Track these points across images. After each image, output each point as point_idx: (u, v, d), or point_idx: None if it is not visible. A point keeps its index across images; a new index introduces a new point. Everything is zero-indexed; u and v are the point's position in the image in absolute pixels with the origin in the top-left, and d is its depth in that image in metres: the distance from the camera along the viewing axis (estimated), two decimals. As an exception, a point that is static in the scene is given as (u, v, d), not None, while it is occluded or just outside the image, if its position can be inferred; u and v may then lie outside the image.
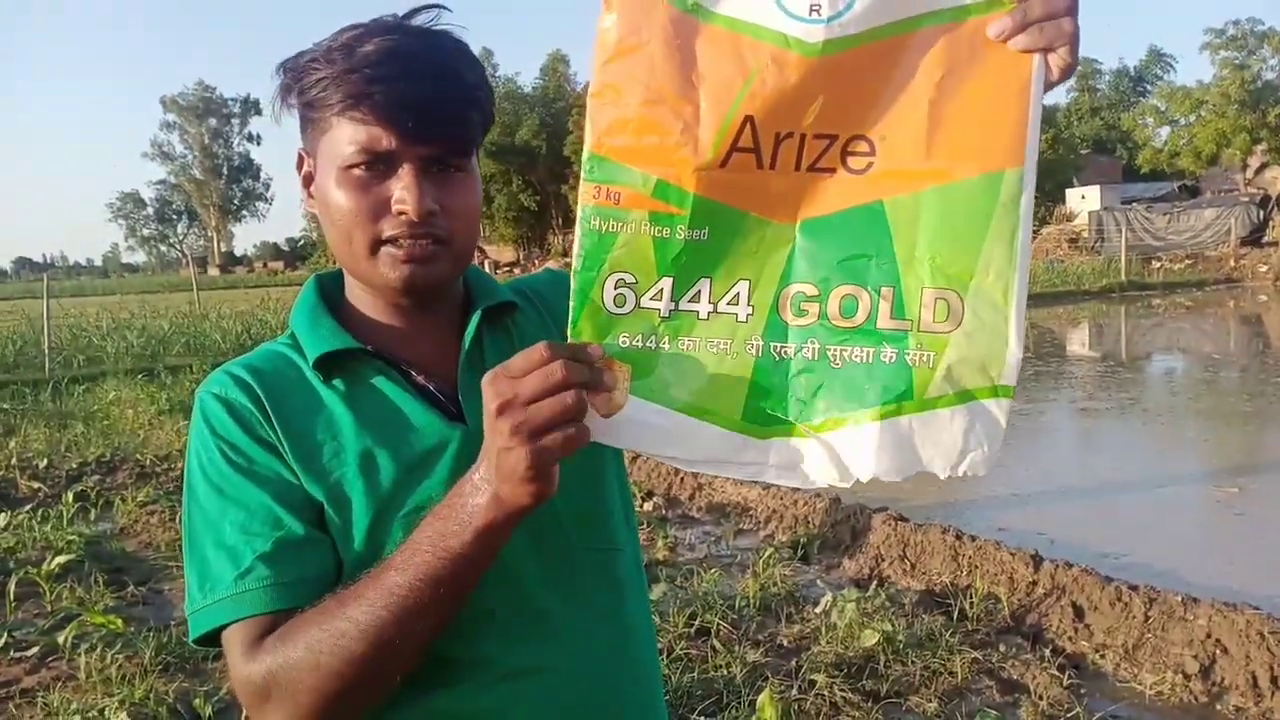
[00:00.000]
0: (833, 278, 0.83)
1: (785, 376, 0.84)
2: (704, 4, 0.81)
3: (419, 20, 0.95)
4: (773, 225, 0.84)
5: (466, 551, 0.81)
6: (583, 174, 0.83)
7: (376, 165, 0.91)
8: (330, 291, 1.05)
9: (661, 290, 0.83)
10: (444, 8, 0.96)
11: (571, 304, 0.82)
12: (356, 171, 0.92)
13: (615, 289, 0.82)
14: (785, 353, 0.84)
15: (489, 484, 0.80)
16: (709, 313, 0.84)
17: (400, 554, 0.84)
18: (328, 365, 0.97)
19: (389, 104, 0.89)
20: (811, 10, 0.78)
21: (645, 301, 0.83)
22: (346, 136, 0.91)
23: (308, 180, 1.00)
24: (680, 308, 0.83)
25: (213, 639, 0.90)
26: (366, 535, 0.92)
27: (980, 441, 0.82)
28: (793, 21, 0.79)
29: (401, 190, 0.91)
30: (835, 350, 0.83)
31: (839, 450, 0.83)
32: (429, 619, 0.83)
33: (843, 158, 0.82)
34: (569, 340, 0.82)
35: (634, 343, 0.83)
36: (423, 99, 0.90)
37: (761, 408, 0.84)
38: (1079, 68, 0.84)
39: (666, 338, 0.83)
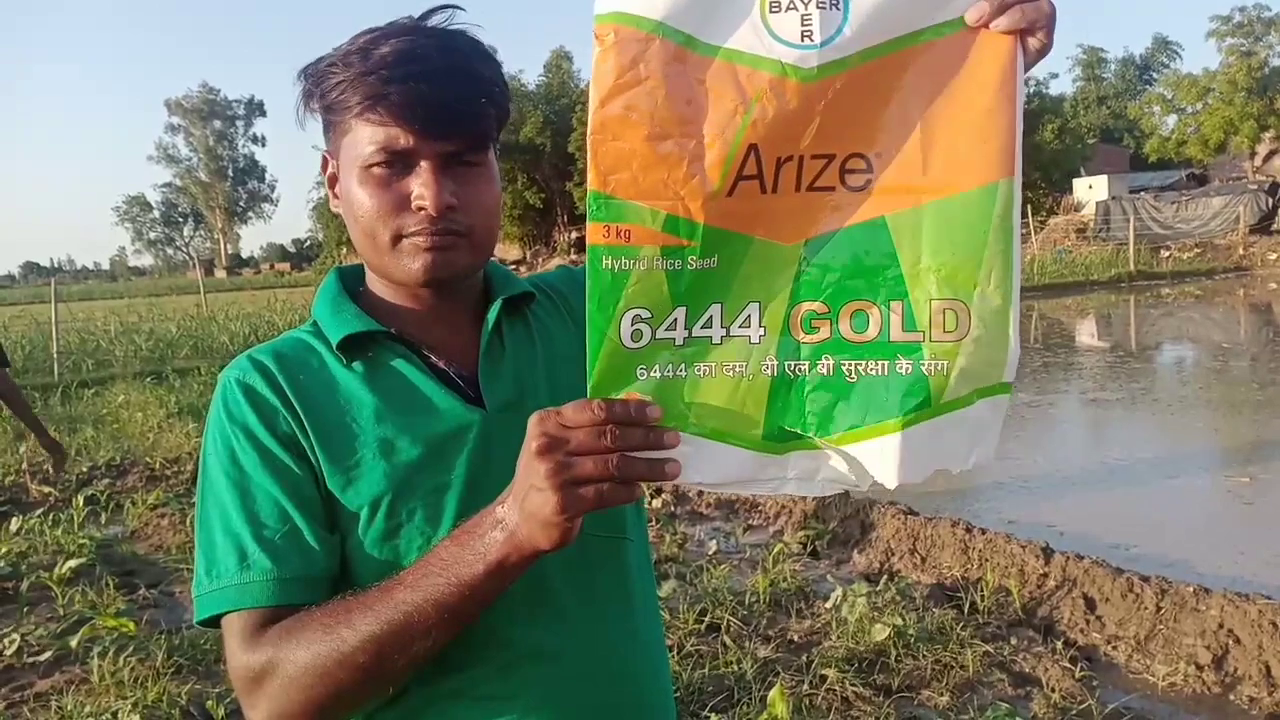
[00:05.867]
0: (841, 294, 0.84)
1: (801, 393, 0.85)
2: (698, 37, 0.81)
3: (434, 20, 0.97)
4: (778, 246, 0.84)
5: (476, 583, 0.83)
6: (589, 214, 0.83)
7: (396, 163, 0.94)
8: (351, 282, 1.08)
9: (675, 320, 0.83)
10: (458, 7, 0.97)
11: (588, 344, 0.82)
12: (377, 170, 0.94)
13: (632, 325, 0.82)
14: (800, 370, 0.85)
15: (510, 520, 0.81)
16: (722, 337, 0.84)
17: (414, 570, 0.86)
18: (349, 348, 0.99)
19: (405, 104, 0.91)
20: (804, 36, 0.79)
21: (660, 333, 0.83)
22: (366, 137, 0.94)
23: (332, 181, 1.02)
24: (694, 335, 0.84)
25: (216, 622, 0.92)
26: (386, 514, 0.94)
27: (986, 435, 0.85)
28: (787, 49, 0.80)
29: (420, 186, 0.93)
30: (850, 365, 0.84)
31: (861, 460, 0.84)
32: (430, 640, 0.85)
33: (841, 176, 0.83)
34: (589, 381, 0.82)
35: (653, 374, 0.83)
36: (438, 98, 0.91)
37: (780, 425, 0.85)
38: (1083, 55, 0.83)
39: (683, 365, 0.84)
